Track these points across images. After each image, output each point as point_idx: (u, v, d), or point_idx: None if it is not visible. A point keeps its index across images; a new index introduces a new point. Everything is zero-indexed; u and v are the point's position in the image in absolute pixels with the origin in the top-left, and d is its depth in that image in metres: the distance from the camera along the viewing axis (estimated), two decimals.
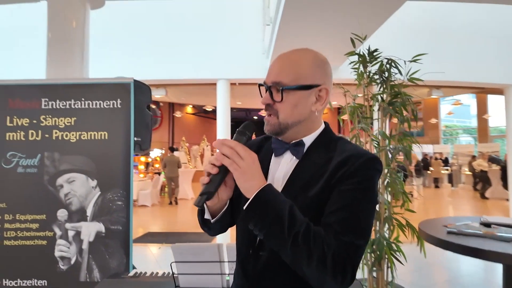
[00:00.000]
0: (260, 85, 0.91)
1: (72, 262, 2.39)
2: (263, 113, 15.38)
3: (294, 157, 0.90)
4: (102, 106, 2.48)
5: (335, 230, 0.75)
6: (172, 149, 10.23)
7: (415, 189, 11.30)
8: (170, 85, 5.81)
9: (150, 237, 6.09)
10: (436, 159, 13.92)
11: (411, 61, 2.68)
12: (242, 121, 0.97)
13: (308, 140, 0.90)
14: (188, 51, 5.39)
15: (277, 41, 4.25)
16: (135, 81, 2.75)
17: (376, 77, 2.75)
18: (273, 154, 0.94)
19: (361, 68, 2.81)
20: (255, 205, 0.77)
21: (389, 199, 2.73)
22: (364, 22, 3.10)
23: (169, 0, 4.52)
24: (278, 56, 0.89)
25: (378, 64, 2.74)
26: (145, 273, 2.02)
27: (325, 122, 0.95)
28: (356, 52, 2.80)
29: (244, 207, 0.78)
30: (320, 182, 0.83)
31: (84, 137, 2.46)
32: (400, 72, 2.65)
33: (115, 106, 2.48)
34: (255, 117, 20.64)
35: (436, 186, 13.62)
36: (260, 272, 0.87)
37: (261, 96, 0.91)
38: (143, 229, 6.55)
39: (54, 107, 2.47)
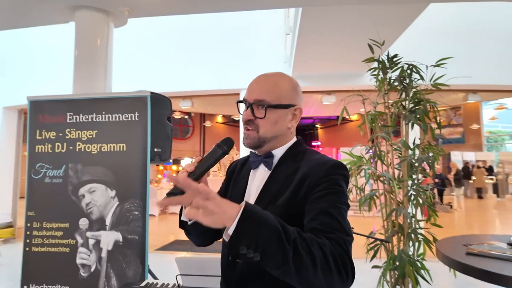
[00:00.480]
0: (239, 101, 1.00)
1: (92, 269, 2.48)
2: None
3: (267, 169, 0.98)
4: (121, 119, 2.58)
5: (323, 231, 0.77)
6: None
7: (455, 199, 10.58)
8: (196, 97, 5.97)
9: (177, 245, 6.19)
10: (478, 167, 12.96)
11: (434, 66, 2.53)
12: None
13: (278, 152, 0.98)
14: (212, 63, 5.51)
15: (297, 50, 4.22)
16: (156, 94, 2.84)
17: (396, 83, 2.63)
18: (251, 168, 1.02)
19: (381, 75, 2.69)
20: (243, 225, 0.69)
21: (415, 212, 2.56)
22: (384, 30, 2.99)
23: (193, 14, 4.66)
24: (257, 77, 0.98)
25: (399, 70, 2.62)
26: (156, 283, 2.05)
27: (297, 136, 1.03)
28: (375, 58, 2.69)
29: (230, 232, 0.70)
30: (287, 191, 0.90)
31: (104, 149, 2.57)
32: (421, 78, 2.50)
33: (133, 118, 2.57)
34: None
35: (480, 197, 12.65)
36: (238, 279, 0.92)
37: (239, 112, 0.99)
38: (174, 236, 6.69)
39: (77, 120, 2.62)
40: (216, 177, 12.52)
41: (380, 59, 2.66)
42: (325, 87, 5.27)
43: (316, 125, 20.63)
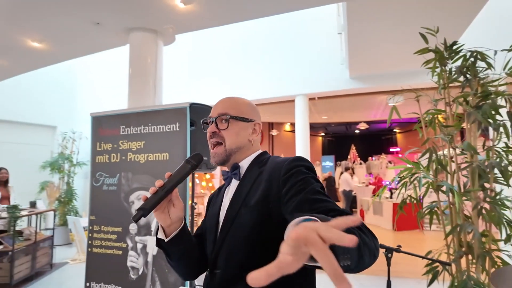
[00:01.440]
0: (204, 122, 1.08)
1: (140, 272, 2.64)
2: (362, 126, 14.35)
3: (236, 180, 1.03)
4: (164, 130, 2.72)
5: (331, 210, 0.80)
6: None
7: None
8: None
9: None
10: None
11: (509, 50, 2.08)
12: (342, 136, 1.14)
13: (244, 163, 1.04)
14: (265, 71, 5.52)
15: (350, 51, 3.95)
16: (200, 104, 2.94)
17: (457, 75, 2.23)
18: (224, 186, 1.08)
19: (439, 68, 2.31)
20: None
21: (489, 230, 2.10)
22: (444, 26, 2.57)
23: (242, 24, 4.76)
24: (220, 99, 1.08)
25: (461, 60, 2.22)
26: None
27: (264, 150, 1.09)
28: (431, 48, 2.33)
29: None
30: (257, 192, 0.94)
31: (150, 158, 2.74)
32: (489, 66, 2.08)
33: (175, 129, 2.69)
34: (357, 131, 19.46)
35: None
36: (219, 286, 0.95)
37: (205, 131, 1.06)
38: None
39: (128, 132, 2.85)
40: None
41: (436, 49, 2.29)
42: (386, 87, 4.80)
43: (394, 130, 19.04)
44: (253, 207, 0.92)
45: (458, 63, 2.24)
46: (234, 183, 1.04)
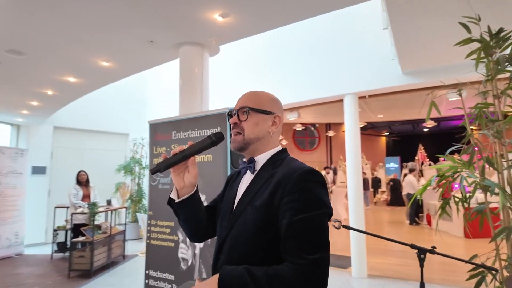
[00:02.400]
0: (228, 114, 1.13)
1: (189, 263, 2.91)
2: (430, 124, 13.22)
3: (251, 174, 1.08)
4: (208, 134, 2.97)
5: (294, 256, 0.87)
6: (327, 168, 10.37)
7: None
8: (302, 107, 6.07)
9: None
10: None
11: None
12: (408, 135, 1.17)
13: (261, 158, 1.08)
14: (313, 72, 5.51)
15: (397, 46, 3.78)
16: None
17: (507, 64, 2.06)
18: (242, 174, 1.14)
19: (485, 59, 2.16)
20: None
21: None
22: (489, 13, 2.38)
23: (289, 26, 4.87)
24: (244, 93, 1.13)
25: (510, 48, 2.05)
26: None
27: (284, 148, 1.11)
28: (474, 38, 2.19)
29: None
30: (264, 194, 0.98)
31: (197, 160, 3.00)
32: None
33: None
34: (425, 129, 17.94)
35: None
36: (220, 268, 0.99)
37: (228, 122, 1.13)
38: None
39: (179, 137, 3.16)
40: (340, 188, 12.09)
41: (481, 38, 2.14)
42: (437, 82, 4.46)
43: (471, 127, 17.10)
44: (258, 208, 0.97)
45: (507, 51, 2.06)
46: (249, 176, 1.09)
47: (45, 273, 5.22)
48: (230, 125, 1.10)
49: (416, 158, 17.46)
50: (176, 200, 1.10)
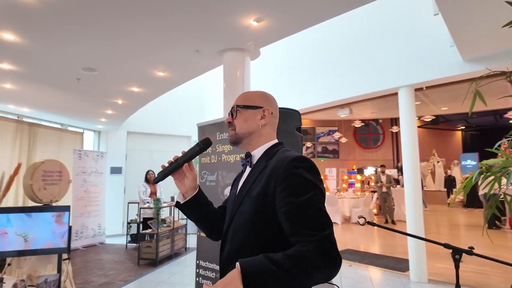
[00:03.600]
0: (229, 113, 1.23)
1: None
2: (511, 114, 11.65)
3: (249, 168, 1.17)
4: None
5: (304, 236, 0.90)
6: (382, 166, 9.85)
7: None
8: (353, 103, 5.87)
9: (347, 254, 6.18)
10: None
11: None
12: (489, 129, 1.16)
13: (257, 152, 1.16)
14: (363, 65, 5.30)
15: (451, 32, 3.49)
16: (284, 108, 3.24)
17: None
18: (243, 171, 1.24)
19: None
20: (248, 284, 0.82)
21: None
22: None
23: (334, 21, 4.78)
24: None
25: None
26: None
27: (281, 141, 1.19)
28: None
29: None
30: (260, 184, 1.05)
31: (237, 158, 3.19)
32: None
33: None
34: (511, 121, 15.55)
35: None
36: (224, 258, 1.11)
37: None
38: (346, 245, 6.74)
39: (222, 138, 3.39)
40: None
41: None
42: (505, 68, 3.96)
43: None
44: (254, 198, 1.04)
45: None
46: (247, 170, 1.18)
47: (120, 260, 5.98)
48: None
49: (499, 154, 15.37)
50: (181, 202, 1.22)
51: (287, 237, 0.95)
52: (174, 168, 1.15)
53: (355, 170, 14.01)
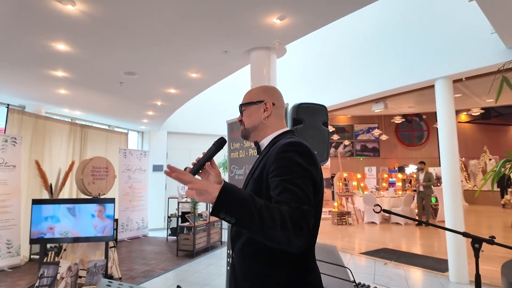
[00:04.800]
0: (240, 110, 1.32)
1: None
2: None
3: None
4: None
5: (285, 202, 0.97)
6: (421, 163, 9.41)
7: None
8: (388, 97, 5.68)
9: (383, 253, 6.04)
10: None
11: None
12: None
13: (265, 141, 1.25)
14: (396, 57, 5.13)
15: (489, 18, 3.32)
16: (311, 104, 3.31)
17: None
18: None
19: None
20: (221, 199, 0.92)
21: None
22: None
23: (367, 11, 4.69)
24: None
25: None
26: None
27: (290, 130, 1.25)
28: None
29: (213, 204, 0.93)
30: (260, 166, 1.15)
31: None
32: None
33: None
34: None
35: None
36: (232, 235, 1.21)
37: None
38: (383, 244, 6.57)
39: None
40: None
41: None
42: None
43: None
44: (255, 179, 1.15)
45: None
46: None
47: (161, 251, 6.38)
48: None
49: None
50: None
51: None
52: (197, 168, 1.22)
53: (396, 168, 13.44)
